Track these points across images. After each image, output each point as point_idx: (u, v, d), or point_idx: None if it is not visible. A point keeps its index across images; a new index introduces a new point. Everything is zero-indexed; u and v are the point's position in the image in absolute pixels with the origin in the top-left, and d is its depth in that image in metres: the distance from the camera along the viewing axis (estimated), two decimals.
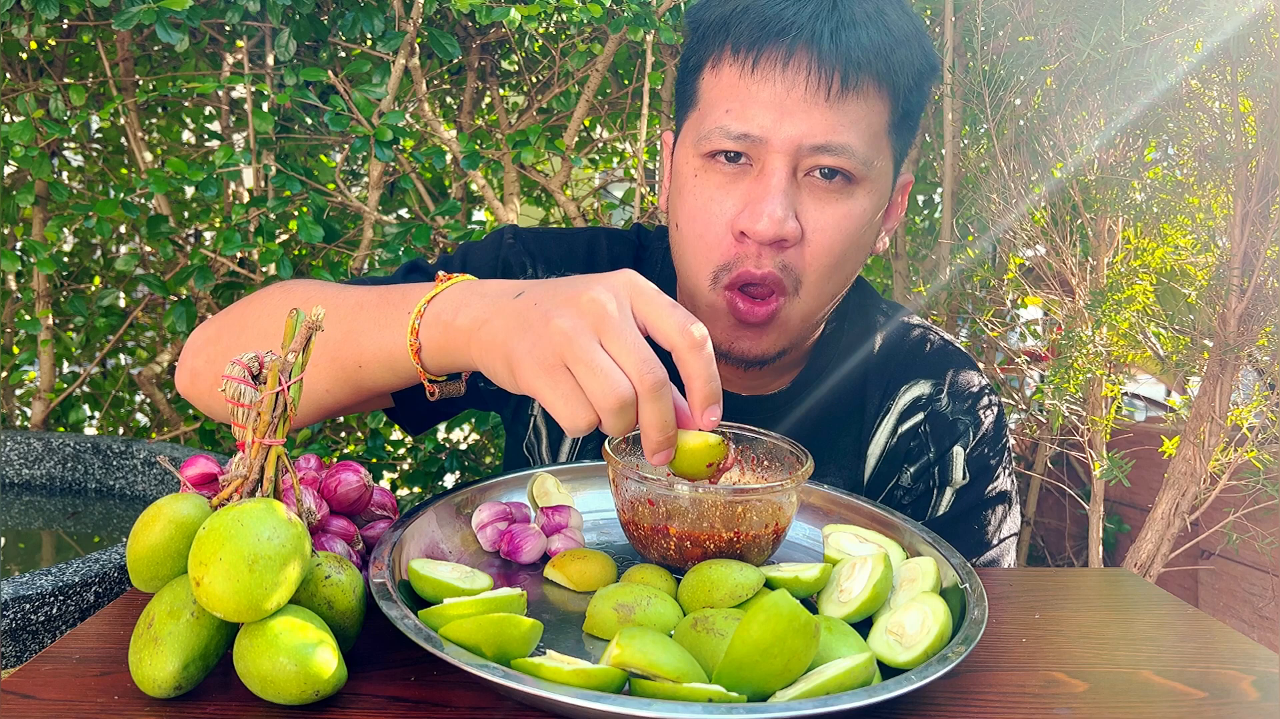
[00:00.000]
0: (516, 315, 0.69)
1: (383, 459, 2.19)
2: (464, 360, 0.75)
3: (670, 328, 0.66)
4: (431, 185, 2.22)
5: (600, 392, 0.64)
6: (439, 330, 0.76)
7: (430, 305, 0.77)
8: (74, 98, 1.85)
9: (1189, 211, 1.59)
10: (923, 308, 2.07)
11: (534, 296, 0.70)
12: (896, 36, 0.90)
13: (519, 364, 0.67)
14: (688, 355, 0.66)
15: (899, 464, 1.06)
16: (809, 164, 0.89)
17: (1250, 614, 2.09)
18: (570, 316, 0.65)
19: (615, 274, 0.69)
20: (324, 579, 0.61)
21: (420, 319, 0.77)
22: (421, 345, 0.77)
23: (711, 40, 0.92)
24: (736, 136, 0.89)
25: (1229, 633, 0.75)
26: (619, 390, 0.64)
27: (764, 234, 0.88)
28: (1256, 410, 1.55)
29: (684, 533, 0.73)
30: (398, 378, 0.82)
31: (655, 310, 0.67)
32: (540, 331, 0.66)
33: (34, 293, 2.10)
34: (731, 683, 0.57)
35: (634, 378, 0.64)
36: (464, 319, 0.73)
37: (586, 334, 0.65)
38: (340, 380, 0.85)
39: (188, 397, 0.98)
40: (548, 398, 0.66)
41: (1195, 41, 1.37)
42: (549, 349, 0.65)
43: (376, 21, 1.78)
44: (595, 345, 0.65)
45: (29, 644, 1.11)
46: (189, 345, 0.97)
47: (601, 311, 0.65)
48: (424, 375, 0.79)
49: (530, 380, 0.67)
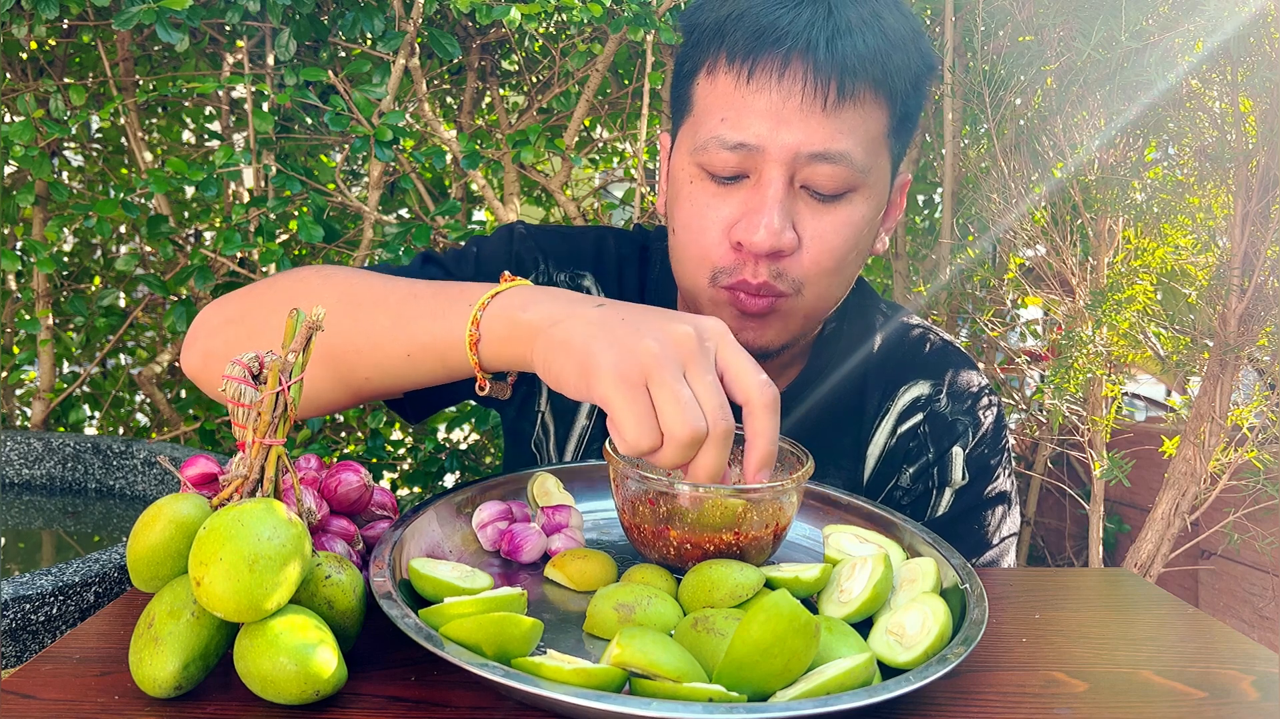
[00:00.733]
0: (600, 324, 0.69)
1: (383, 459, 2.19)
2: (524, 356, 0.74)
3: (751, 383, 0.68)
4: (431, 185, 2.22)
5: (678, 421, 0.64)
6: (503, 323, 0.75)
7: (496, 299, 0.76)
8: (74, 98, 1.85)
9: (1189, 211, 1.59)
10: (923, 308, 2.07)
11: (621, 313, 0.70)
12: (893, 41, 0.89)
13: (597, 371, 0.67)
14: (760, 412, 0.68)
15: (898, 464, 1.06)
16: (806, 173, 0.88)
17: (1250, 614, 2.09)
18: (662, 341, 0.66)
19: (709, 319, 0.70)
20: (324, 579, 0.61)
21: (484, 310, 0.76)
22: (481, 336, 0.76)
23: (706, 46, 0.91)
24: (733, 146, 0.88)
25: (1229, 633, 0.75)
26: (696, 425, 0.64)
27: (760, 246, 0.87)
28: (1257, 410, 1.55)
29: (684, 533, 0.73)
30: (446, 370, 0.81)
31: (740, 362, 0.68)
32: (628, 346, 0.66)
33: (34, 293, 2.10)
34: (731, 683, 0.57)
35: (710, 419, 0.65)
36: (533, 314, 0.73)
37: (675, 363, 0.65)
38: (383, 369, 0.84)
39: (195, 378, 0.95)
40: (620, 412, 0.65)
41: (1196, 41, 1.37)
42: (634, 365, 0.65)
43: (376, 21, 1.78)
44: (681, 375, 0.65)
45: (29, 644, 1.11)
46: (202, 323, 0.94)
47: (693, 346, 0.66)
48: (478, 367, 0.78)
49: (605, 390, 0.66)
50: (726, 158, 0.89)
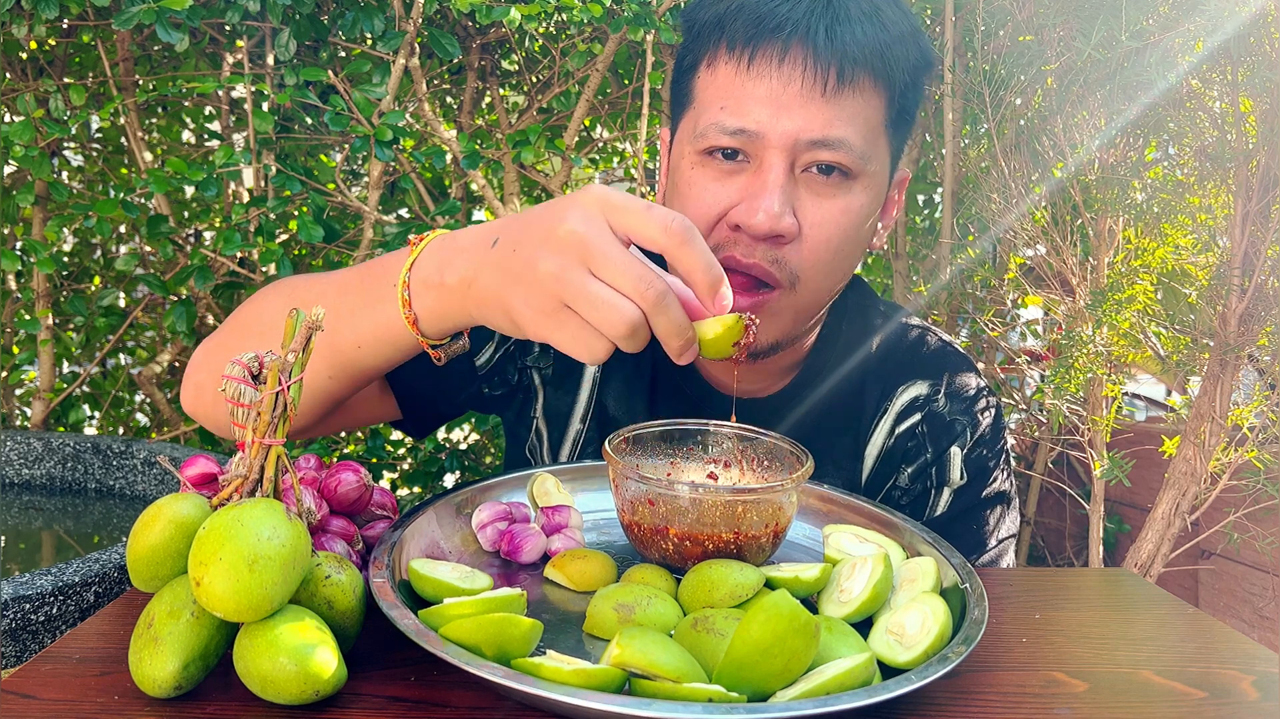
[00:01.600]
0: (500, 266, 0.68)
1: (383, 459, 2.19)
2: (464, 319, 0.75)
3: (653, 232, 0.65)
4: (431, 185, 2.22)
5: (607, 322, 0.64)
6: (430, 296, 0.75)
7: (413, 272, 0.76)
8: (74, 98, 1.85)
9: (1189, 211, 1.59)
10: (923, 308, 2.06)
11: (510, 242, 0.69)
12: (893, 34, 0.90)
13: (520, 316, 0.67)
14: (678, 252, 0.65)
15: (896, 464, 1.06)
16: (807, 159, 0.89)
17: (1250, 614, 2.09)
18: (553, 255, 0.65)
19: (584, 193, 0.67)
20: (324, 579, 0.61)
21: (408, 290, 0.76)
22: (417, 315, 0.76)
23: (706, 39, 0.92)
24: (733, 132, 0.89)
25: (1229, 633, 0.75)
26: (625, 316, 0.63)
27: (760, 229, 0.88)
28: (1257, 410, 1.55)
29: (684, 533, 0.73)
30: (399, 352, 0.81)
31: (632, 219, 0.65)
32: (529, 279, 0.66)
33: (34, 293, 2.10)
34: (731, 683, 0.57)
35: (635, 298, 0.64)
36: (451, 278, 0.73)
37: (575, 269, 0.64)
38: (340, 366, 0.84)
39: (193, 413, 0.97)
40: (558, 340, 0.66)
41: (1196, 41, 1.37)
42: (543, 295, 0.65)
43: (376, 21, 1.78)
44: (587, 278, 0.64)
45: (29, 644, 1.11)
46: (192, 362, 0.97)
47: (582, 241, 0.64)
48: (426, 344, 0.78)
49: (536, 329, 0.67)
50: (727, 144, 0.90)
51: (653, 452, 0.85)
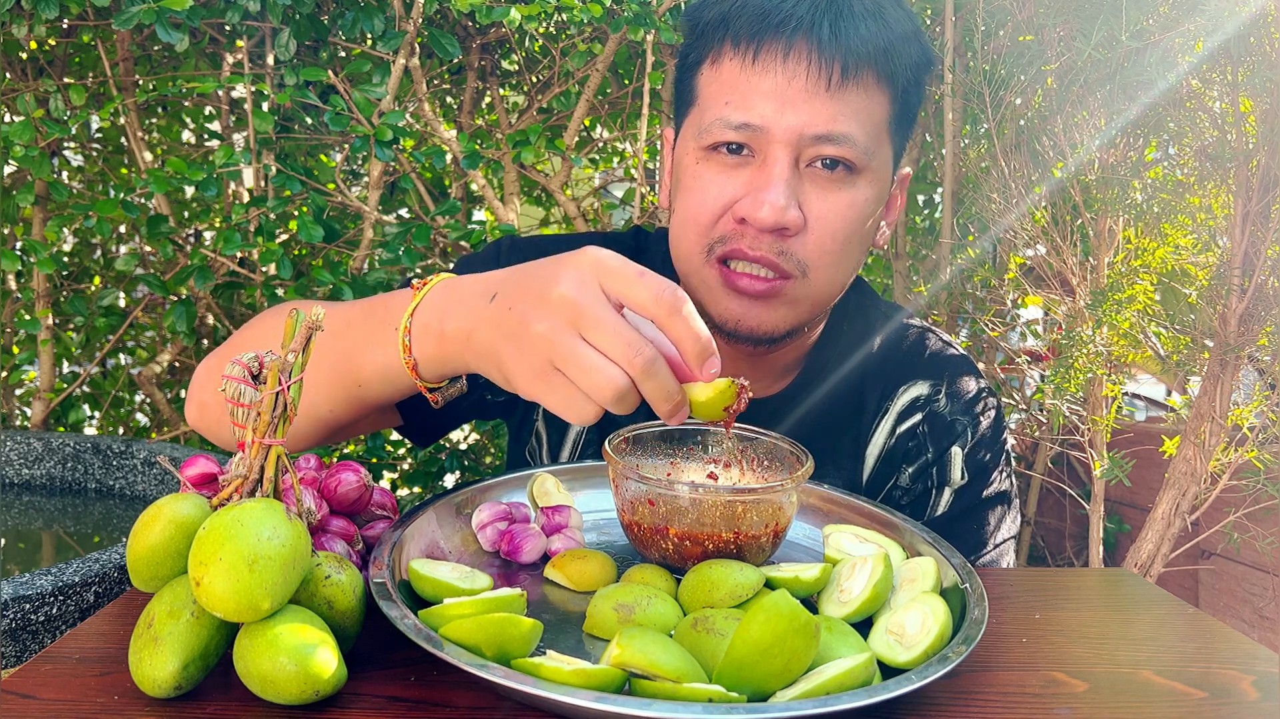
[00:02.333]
0: (495, 324, 0.69)
1: (383, 459, 2.19)
2: (462, 367, 0.75)
3: (644, 300, 0.65)
4: (431, 185, 2.22)
5: (594, 387, 0.64)
6: (430, 343, 0.75)
7: (414, 318, 0.76)
8: (74, 98, 1.85)
9: (1189, 211, 1.59)
10: (923, 308, 2.07)
11: (507, 299, 0.69)
12: (896, 32, 0.90)
13: (512, 375, 0.68)
14: (668, 322, 0.65)
15: (897, 464, 1.06)
16: (811, 154, 0.89)
17: (1250, 614, 2.09)
18: (545, 318, 0.65)
19: (578, 255, 0.67)
20: (324, 579, 0.61)
21: (409, 335, 0.76)
22: (416, 360, 0.77)
23: (710, 36, 0.93)
24: (738, 126, 0.89)
25: (1229, 633, 0.75)
26: (613, 382, 0.64)
27: (765, 221, 0.88)
28: (1257, 410, 1.55)
29: (684, 533, 0.73)
30: (398, 390, 0.82)
31: (625, 286, 0.66)
32: (522, 339, 0.66)
33: (34, 293, 2.10)
34: (731, 683, 0.57)
35: (624, 365, 0.64)
36: (451, 328, 0.73)
37: (566, 333, 0.65)
38: (342, 400, 0.85)
39: (197, 429, 0.98)
40: (547, 402, 0.67)
41: (1196, 41, 1.37)
42: (535, 356, 0.66)
43: (376, 21, 1.78)
44: (578, 343, 0.64)
45: (29, 644, 1.11)
46: (194, 380, 0.97)
47: (574, 305, 0.65)
48: (424, 388, 0.79)
49: (526, 389, 0.67)
50: (732, 138, 0.90)
51: (653, 452, 0.85)
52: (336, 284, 1.82)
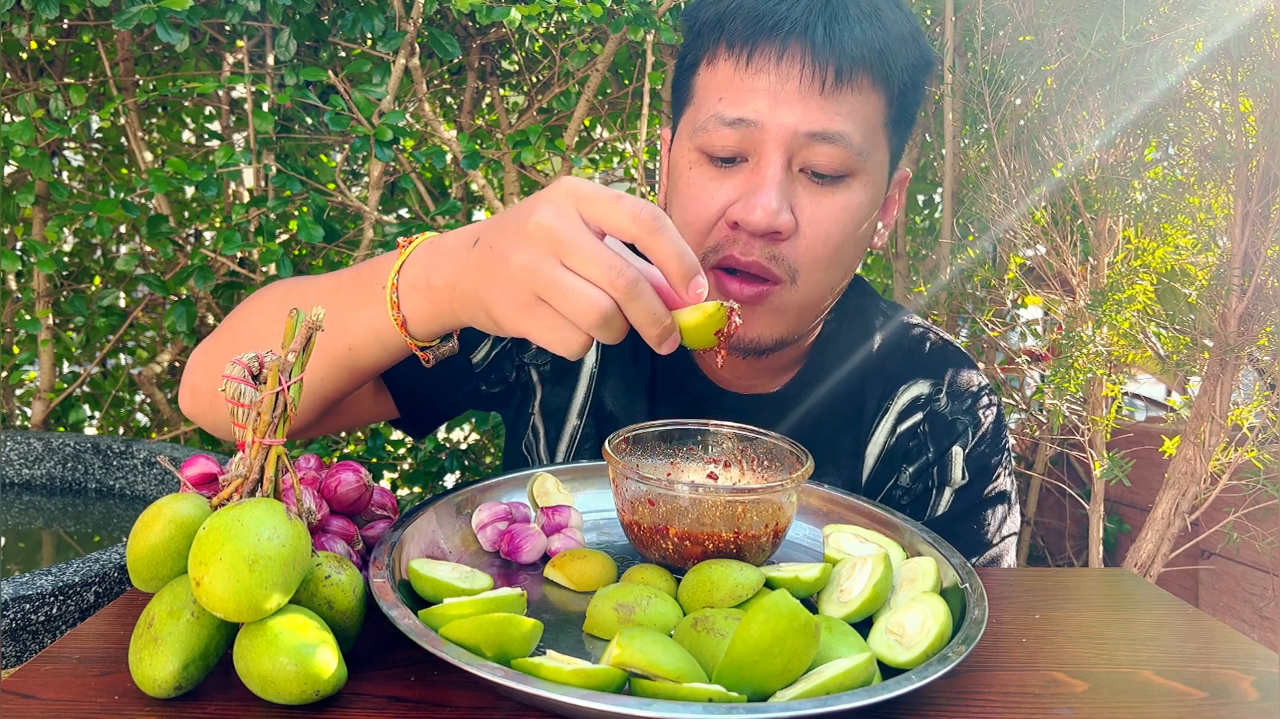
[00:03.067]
0: (479, 265, 0.69)
1: (383, 459, 2.19)
2: (451, 321, 0.75)
3: (622, 221, 0.64)
4: (431, 185, 2.22)
5: (579, 311, 0.63)
6: (418, 298, 0.75)
7: (401, 274, 0.76)
8: (74, 98, 1.85)
9: (1189, 211, 1.59)
10: (923, 308, 2.07)
11: (488, 239, 0.69)
12: (892, 34, 0.90)
13: (498, 313, 0.68)
14: (649, 240, 0.65)
15: (898, 464, 1.06)
16: (805, 155, 0.89)
17: (1250, 614, 2.09)
18: (525, 249, 0.65)
19: (555, 185, 0.67)
20: (324, 579, 0.61)
21: (396, 292, 0.76)
22: (405, 317, 0.77)
23: (706, 37, 0.93)
24: (732, 122, 0.89)
25: (1229, 633, 0.75)
26: (597, 305, 0.63)
27: (757, 225, 0.88)
28: (1257, 410, 1.55)
29: (684, 533, 0.73)
30: (389, 353, 0.82)
31: (602, 209, 0.65)
32: (503, 274, 0.66)
33: (34, 293, 2.10)
34: (731, 683, 0.57)
35: (606, 287, 0.63)
36: (438, 280, 0.73)
37: (546, 261, 0.64)
38: (334, 367, 0.85)
39: (190, 415, 0.98)
40: (535, 334, 0.66)
41: (1196, 41, 1.37)
42: (517, 289, 0.65)
43: (376, 21, 1.78)
44: (558, 269, 0.64)
45: (29, 644, 1.11)
46: (189, 365, 0.97)
47: (552, 233, 0.64)
48: (414, 346, 0.79)
49: (514, 324, 0.67)
50: (726, 135, 0.90)
51: (653, 451, 0.85)
52: None
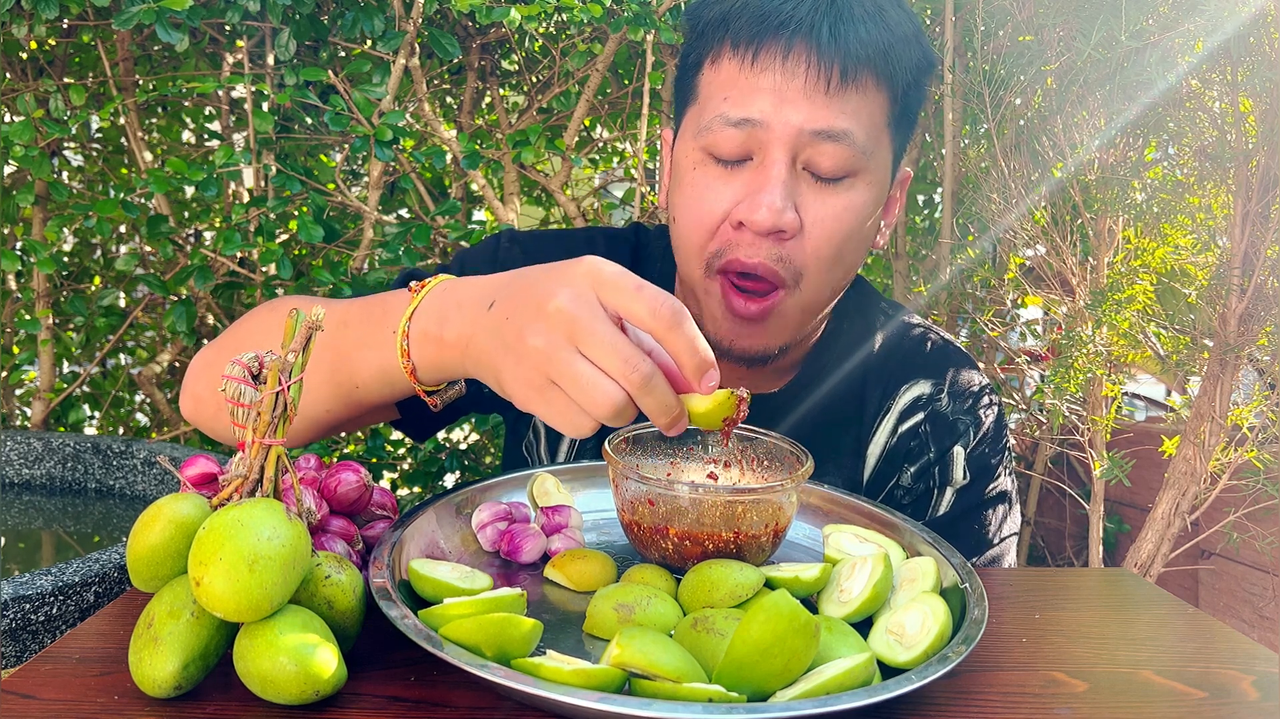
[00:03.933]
0: (493, 333, 0.68)
1: (383, 459, 2.19)
2: (460, 372, 0.75)
3: (641, 314, 0.64)
4: (431, 185, 2.22)
5: (592, 402, 0.63)
6: (429, 348, 0.75)
7: (413, 322, 0.76)
8: (74, 98, 1.85)
9: (1189, 211, 1.59)
10: (923, 308, 2.06)
11: (505, 308, 0.68)
12: (896, 34, 0.90)
13: (509, 388, 0.67)
14: (667, 336, 0.65)
15: (899, 464, 1.06)
16: (809, 153, 0.89)
17: (1250, 614, 2.09)
18: (543, 332, 0.64)
19: (575, 266, 0.67)
20: (324, 579, 0.61)
21: (407, 340, 0.76)
22: (415, 365, 0.76)
23: (710, 36, 0.93)
24: (736, 122, 0.89)
25: (1229, 633, 0.75)
26: (610, 398, 0.63)
27: (762, 224, 0.88)
28: (1257, 410, 1.55)
29: (684, 533, 0.73)
30: (395, 392, 0.82)
31: (622, 299, 0.65)
32: (519, 352, 0.66)
33: (34, 293, 2.10)
34: (731, 683, 0.57)
35: (621, 380, 0.63)
36: (450, 334, 0.73)
37: (563, 348, 0.64)
38: (338, 400, 0.85)
39: (193, 422, 0.98)
40: (545, 415, 0.66)
41: (1195, 41, 1.37)
42: (531, 370, 0.65)
43: (376, 21, 1.78)
44: (574, 357, 0.64)
45: (29, 644, 1.11)
46: (189, 372, 0.97)
47: (571, 319, 0.64)
48: (422, 392, 0.79)
49: (523, 401, 0.67)
50: (731, 135, 0.90)
51: (653, 451, 0.85)
52: (336, 284, 1.82)
